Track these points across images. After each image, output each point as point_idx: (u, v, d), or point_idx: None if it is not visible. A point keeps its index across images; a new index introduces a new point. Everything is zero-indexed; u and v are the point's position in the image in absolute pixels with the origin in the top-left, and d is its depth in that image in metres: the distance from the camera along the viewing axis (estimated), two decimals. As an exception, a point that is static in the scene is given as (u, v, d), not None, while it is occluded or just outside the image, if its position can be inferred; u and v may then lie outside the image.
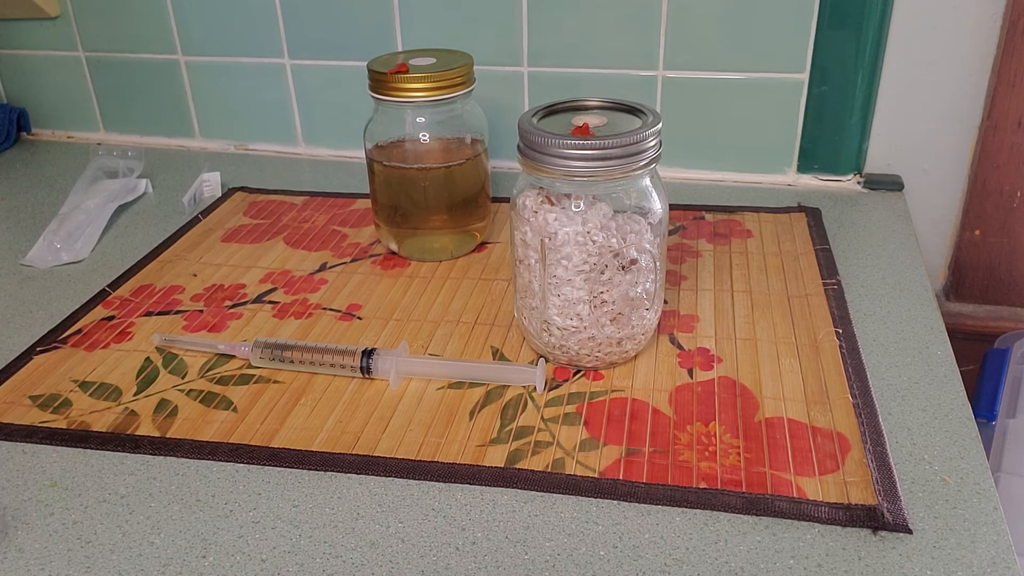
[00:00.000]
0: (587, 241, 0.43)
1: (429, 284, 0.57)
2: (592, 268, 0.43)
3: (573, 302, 0.44)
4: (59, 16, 0.81)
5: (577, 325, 0.45)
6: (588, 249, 0.43)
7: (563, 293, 0.44)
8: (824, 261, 0.57)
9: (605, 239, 0.43)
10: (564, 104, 0.46)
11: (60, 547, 0.37)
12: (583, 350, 0.46)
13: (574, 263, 0.43)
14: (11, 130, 0.86)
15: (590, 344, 0.45)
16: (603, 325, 0.45)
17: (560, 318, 0.45)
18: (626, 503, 0.38)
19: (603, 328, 0.45)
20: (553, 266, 0.44)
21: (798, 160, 0.71)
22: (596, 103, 0.46)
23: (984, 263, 0.70)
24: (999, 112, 0.65)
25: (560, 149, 0.41)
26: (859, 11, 0.64)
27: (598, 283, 0.44)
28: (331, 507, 0.39)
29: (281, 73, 0.78)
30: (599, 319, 0.44)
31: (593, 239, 0.43)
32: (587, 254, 0.43)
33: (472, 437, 0.43)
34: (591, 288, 0.44)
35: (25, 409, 0.46)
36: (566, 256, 0.43)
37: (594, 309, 0.44)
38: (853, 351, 0.48)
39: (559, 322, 0.45)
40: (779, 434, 0.42)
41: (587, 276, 0.43)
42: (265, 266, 0.61)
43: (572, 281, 0.44)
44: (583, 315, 0.44)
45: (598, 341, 0.45)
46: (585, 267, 0.43)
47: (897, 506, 0.37)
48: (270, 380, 0.48)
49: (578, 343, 0.46)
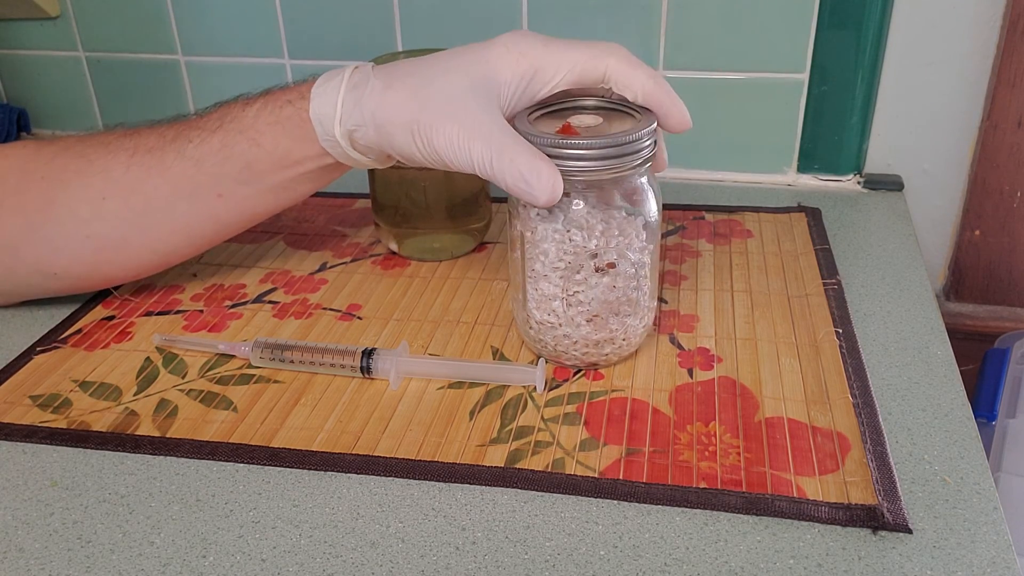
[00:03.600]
0: (564, 239, 0.43)
1: (429, 284, 0.57)
2: (568, 266, 0.43)
3: (549, 297, 0.45)
4: (59, 16, 0.81)
5: (553, 321, 0.45)
6: (564, 247, 0.43)
7: (540, 288, 0.45)
8: (824, 261, 0.57)
9: (583, 239, 0.43)
10: (562, 103, 0.46)
11: (60, 547, 0.37)
12: (559, 347, 0.46)
13: (550, 259, 0.44)
14: (11, 130, 0.86)
15: (566, 342, 0.46)
16: (578, 325, 0.45)
17: (538, 312, 0.45)
18: (626, 503, 0.38)
19: (578, 328, 0.45)
20: (532, 260, 0.44)
21: (798, 160, 0.71)
22: (594, 103, 0.46)
23: (984, 263, 0.70)
24: (999, 112, 0.65)
25: (545, 148, 0.41)
26: (859, 11, 0.64)
27: (572, 282, 0.44)
28: (331, 507, 0.39)
29: (281, 73, 0.78)
30: (573, 318, 0.45)
31: (571, 238, 0.43)
32: (563, 252, 0.43)
33: (472, 437, 0.43)
34: (565, 286, 0.44)
35: (25, 409, 0.46)
36: (543, 252, 0.44)
37: (568, 308, 0.44)
38: (853, 351, 0.48)
39: (537, 316, 0.46)
40: (779, 434, 0.42)
41: (562, 274, 0.44)
42: (265, 266, 0.61)
43: (548, 277, 0.44)
44: (558, 312, 0.45)
45: (574, 340, 0.46)
46: (560, 264, 0.44)
47: (897, 506, 0.37)
48: (270, 380, 0.48)
49: (554, 339, 0.46)
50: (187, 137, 0.49)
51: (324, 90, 0.47)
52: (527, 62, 0.43)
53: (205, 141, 0.49)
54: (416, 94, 0.44)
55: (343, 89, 0.46)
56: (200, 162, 0.49)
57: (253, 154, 0.48)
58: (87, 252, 0.51)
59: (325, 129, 0.47)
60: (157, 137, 0.50)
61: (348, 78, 0.46)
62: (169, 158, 0.49)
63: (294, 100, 0.47)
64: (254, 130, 0.48)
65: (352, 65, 0.47)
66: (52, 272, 0.52)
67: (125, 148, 0.50)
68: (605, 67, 0.43)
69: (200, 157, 0.49)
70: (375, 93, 0.45)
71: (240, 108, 0.49)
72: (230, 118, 0.49)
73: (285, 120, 0.47)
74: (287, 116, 0.47)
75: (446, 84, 0.43)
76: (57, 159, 0.51)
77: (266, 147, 0.48)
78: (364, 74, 0.46)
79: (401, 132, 0.44)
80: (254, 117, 0.48)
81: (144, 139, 0.50)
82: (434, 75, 0.44)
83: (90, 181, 0.50)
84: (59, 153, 0.51)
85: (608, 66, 0.43)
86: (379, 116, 0.45)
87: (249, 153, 0.48)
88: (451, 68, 0.44)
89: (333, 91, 0.46)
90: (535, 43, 0.43)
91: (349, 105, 0.46)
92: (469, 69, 0.43)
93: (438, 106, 0.43)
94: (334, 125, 0.46)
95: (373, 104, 0.45)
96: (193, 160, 0.49)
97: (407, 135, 0.44)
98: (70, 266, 0.52)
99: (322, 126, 0.47)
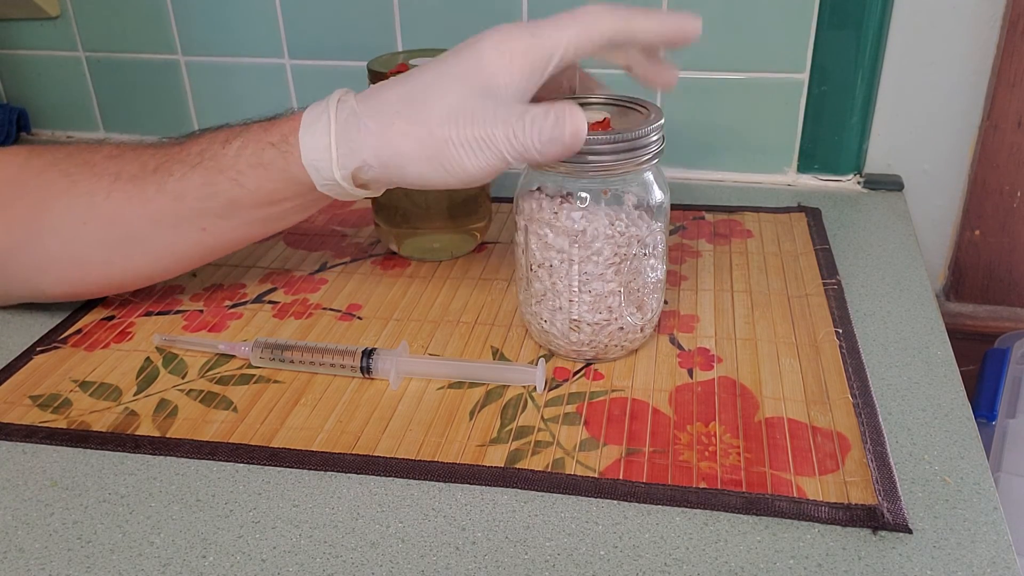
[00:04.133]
0: (614, 233, 0.43)
1: (429, 284, 0.57)
2: (622, 259, 0.44)
3: (604, 295, 0.45)
4: (59, 16, 0.81)
5: (608, 318, 0.45)
6: (617, 241, 0.44)
7: (593, 288, 0.45)
8: (824, 261, 0.57)
9: (632, 229, 0.44)
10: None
11: (60, 547, 0.37)
12: (612, 342, 0.46)
13: (604, 257, 0.44)
14: (11, 130, 0.86)
15: (619, 335, 0.46)
16: (631, 314, 0.46)
17: (590, 315, 0.45)
18: (626, 503, 0.38)
19: (631, 317, 0.46)
20: (584, 263, 0.44)
21: (798, 160, 0.71)
22: (596, 99, 0.46)
23: (984, 263, 0.70)
24: (999, 112, 0.65)
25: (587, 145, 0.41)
26: (859, 11, 0.64)
27: (626, 272, 0.44)
28: (331, 507, 0.39)
29: (281, 73, 0.78)
30: (626, 308, 0.45)
31: (619, 231, 0.43)
32: (616, 246, 0.44)
33: (472, 437, 0.43)
34: (620, 279, 0.44)
35: (25, 409, 0.46)
36: (596, 252, 0.44)
37: (624, 299, 0.45)
38: (853, 351, 0.48)
39: (588, 318, 0.45)
40: (779, 434, 0.42)
41: (617, 268, 0.44)
42: (265, 266, 0.61)
43: (603, 275, 0.44)
44: (613, 307, 0.45)
45: (626, 331, 0.46)
46: (615, 259, 0.44)
47: (897, 506, 0.37)
48: (270, 380, 0.48)
49: (608, 335, 0.46)
50: (168, 170, 0.47)
51: (312, 133, 0.44)
52: (520, 59, 0.42)
53: (186, 176, 0.47)
54: (416, 119, 0.42)
55: (332, 132, 0.44)
56: (181, 197, 0.47)
57: (236, 193, 0.47)
58: (73, 271, 0.51)
59: (323, 175, 0.45)
60: (139, 166, 0.48)
61: (335, 117, 0.44)
62: (150, 190, 0.47)
63: (277, 143, 0.45)
64: (235, 170, 0.46)
65: (335, 96, 0.45)
66: (40, 288, 0.52)
67: (109, 172, 0.48)
68: (599, 32, 0.42)
69: (181, 192, 0.47)
70: (371, 133, 0.43)
71: (220, 146, 0.47)
72: (209, 155, 0.47)
73: (268, 163, 0.45)
74: (270, 159, 0.45)
75: (442, 97, 0.42)
76: (45, 174, 0.49)
77: (248, 187, 0.46)
78: (349, 110, 0.44)
79: (414, 163, 0.43)
80: (234, 157, 0.46)
81: (127, 165, 0.49)
82: (427, 96, 0.42)
83: (73, 203, 0.48)
84: (47, 168, 0.50)
85: (602, 31, 0.42)
86: (383, 155, 0.43)
87: (231, 192, 0.47)
88: (442, 82, 0.42)
89: (322, 134, 0.44)
90: (523, 36, 0.42)
91: (344, 148, 0.44)
92: (464, 78, 0.42)
93: (444, 121, 0.42)
94: (332, 170, 0.44)
95: (373, 144, 0.43)
96: (174, 195, 0.47)
97: (422, 164, 0.43)
98: (57, 283, 0.51)
99: (318, 172, 0.45)
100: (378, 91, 0.45)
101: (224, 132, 0.48)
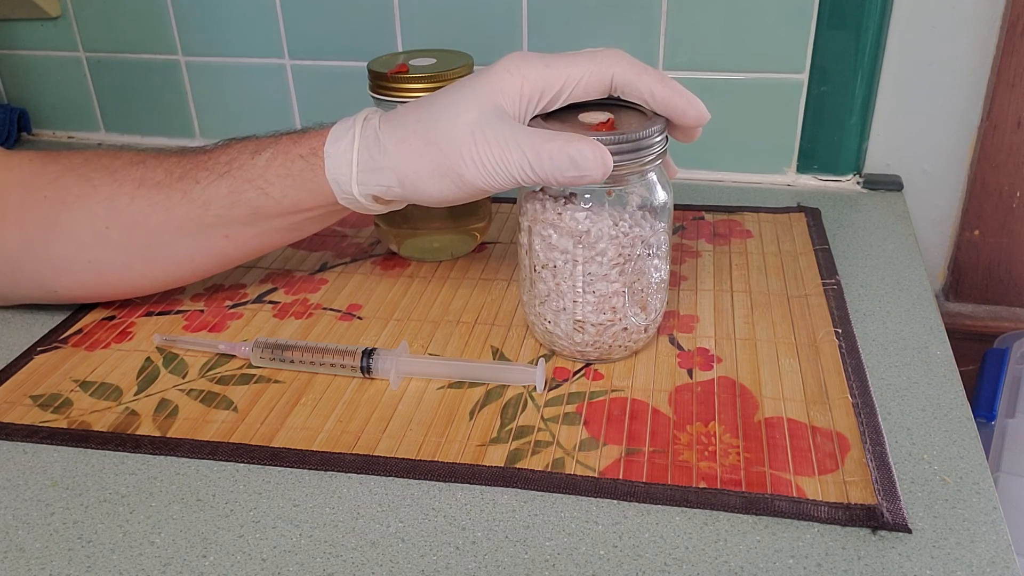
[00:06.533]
0: (618, 234, 0.43)
1: (429, 284, 0.57)
2: (626, 260, 0.44)
3: (608, 296, 0.45)
4: (59, 16, 0.81)
5: (612, 319, 0.45)
6: (621, 241, 0.44)
7: (597, 289, 0.45)
8: (824, 261, 0.57)
9: (635, 229, 0.44)
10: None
11: (60, 547, 0.37)
12: (616, 342, 0.46)
13: (609, 257, 0.44)
14: (12, 130, 0.86)
15: (623, 335, 0.46)
16: (635, 314, 0.46)
17: (594, 315, 0.45)
18: (626, 503, 0.38)
19: (635, 317, 0.46)
20: (588, 263, 0.44)
21: (798, 160, 0.71)
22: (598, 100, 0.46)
23: (983, 263, 0.70)
24: (999, 112, 0.65)
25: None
26: (859, 11, 0.64)
27: (630, 273, 0.44)
28: (331, 507, 0.39)
29: (281, 73, 0.78)
30: (630, 308, 0.45)
31: (623, 231, 0.43)
32: (620, 246, 0.44)
33: (472, 437, 0.43)
34: (625, 280, 0.45)
35: (26, 409, 0.46)
36: (600, 252, 0.44)
37: (628, 299, 0.45)
38: (852, 351, 0.48)
39: (593, 319, 0.45)
40: (779, 434, 0.42)
41: (621, 269, 0.44)
42: (265, 266, 0.61)
43: (608, 276, 0.44)
44: (617, 307, 0.45)
45: (630, 331, 0.46)
46: (620, 259, 0.44)
47: (896, 506, 0.37)
48: (270, 380, 0.48)
49: (612, 336, 0.46)
50: (194, 178, 0.48)
51: (336, 150, 0.46)
52: (530, 85, 0.42)
53: (212, 184, 0.48)
54: (429, 138, 0.43)
55: (355, 150, 0.45)
56: (207, 205, 0.48)
57: (261, 201, 0.48)
58: (88, 275, 0.51)
59: (343, 189, 0.46)
60: (164, 173, 0.49)
61: (359, 135, 0.45)
62: (175, 197, 0.48)
63: (306, 155, 0.46)
64: (263, 180, 0.47)
65: (362, 115, 0.46)
66: (53, 290, 0.52)
67: (131, 179, 0.49)
68: (610, 77, 0.43)
69: (207, 200, 0.48)
70: (388, 152, 0.44)
71: (249, 156, 0.48)
72: (238, 165, 0.48)
73: (296, 174, 0.47)
74: (299, 171, 0.47)
75: (455, 116, 0.43)
76: (61, 179, 0.50)
77: (274, 196, 0.47)
78: (372, 129, 0.45)
79: (427, 180, 0.44)
80: (264, 167, 0.47)
81: (151, 172, 0.49)
82: (440, 114, 0.43)
83: (94, 208, 0.49)
84: (63, 173, 0.50)
85: (613, 76, 0.43)
86: (400, 172, 0.44)
87: (257, 201, 0.48)
88: (456, 101, 0.43)
89: (346, 150, 0.45)
90: (536, 64, 0.43)
91: (364, 166, 0.45)
92: (476, 98, 0.43)
93: (456, 139, 0.42)
94: (351, 186, 0.45)
95: (390, 162, 0.44)
96: (199, 203, 0.48)
97: (435, 180, 0.44)
98: (71, 286, 0.52)
99: (339, 186, 0.46)
100: (401, 111, 0.46)
101: (253, 143, 0.49)
